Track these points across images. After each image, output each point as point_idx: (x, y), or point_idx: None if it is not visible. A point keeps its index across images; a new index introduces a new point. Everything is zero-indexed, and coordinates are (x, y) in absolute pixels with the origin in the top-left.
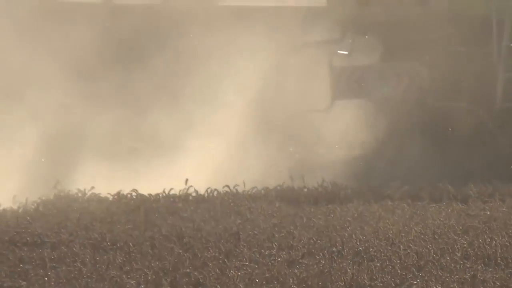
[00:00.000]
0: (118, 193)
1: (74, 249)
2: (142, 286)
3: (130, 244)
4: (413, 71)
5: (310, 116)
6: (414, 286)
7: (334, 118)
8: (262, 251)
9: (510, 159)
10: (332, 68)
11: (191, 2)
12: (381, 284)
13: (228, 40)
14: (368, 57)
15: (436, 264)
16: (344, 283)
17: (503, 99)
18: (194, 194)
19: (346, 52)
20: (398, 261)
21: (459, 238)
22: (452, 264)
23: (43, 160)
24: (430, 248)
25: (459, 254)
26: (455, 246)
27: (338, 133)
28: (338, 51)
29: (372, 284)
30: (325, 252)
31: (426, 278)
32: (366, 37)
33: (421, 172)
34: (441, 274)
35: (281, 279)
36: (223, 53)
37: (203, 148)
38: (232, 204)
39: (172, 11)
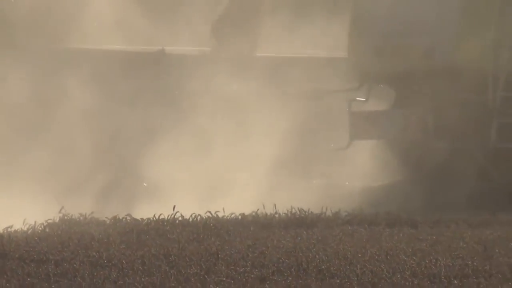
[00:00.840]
0: (115, 217)
1: (74, 265)
2: None
3: (124, 262)
4: (420, 116)
5: (332, 154)
6: None
7: (352, 155)
8: (238, 268)
9: (501, 190)
10: (350, 113)
11: (235, 52)
12: None
13: (262, 87)
14: (382, 103)
15: (389, 281)
16: None
17: (496, 141)
18: (180, 219)
19: (364, 99)
20: (355, 278)
21: (409, 259)
22: (402, 281)
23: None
24: (383, 267)
25: (408, 273)
26: (405, 266)
27: (355, 168)
28: (357, 98)
29: None
30: (292, 270)
31: None
32: (381, 86)
33: (420, 202)
34: None
35: None
36: (258, 97)
37: (245, 179)
38: (213, 227)
39: (217, 59)
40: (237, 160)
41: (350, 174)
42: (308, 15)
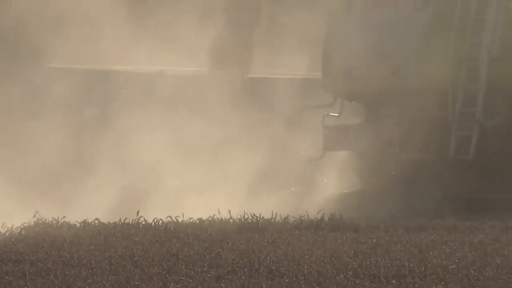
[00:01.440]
0: (84, 221)
1: (48, 265)
2: None
3: (92, 262)
4: (386, 130)
5: (307, 163)
6: None
7: (325, 165)
8: (196, 268)
9: (457, 198)
10: (323, 127)
11: (227, 73)
12: None
13: (251, 104)
14: (354, 118)
15: (333, 280)
16: None
17: (454, 152)
18: (143, 223)
19: (337, 114)
20: (303, 278)
21: (351, 260)
22: (345, 281)
23: None
24: (328, 268)
25: (351, 273)
26: (348, 267)
27: (328, 176)
28: (330, 113)
29: None
30: (246, 270)
31: None
32: (353, 102)
33: (385, 206)
34: None
35: None
36: (245, 115)
37: (226, 188)
38: (173, 230)
39: (210, 80)
40: (217, 169)
41: (324, 182)
42: (289, 42)
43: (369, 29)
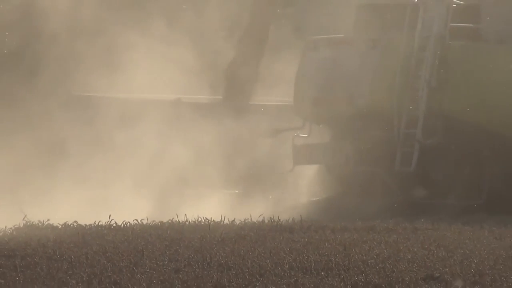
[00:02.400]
0: (65, 223)
1: (35, 259)
2: (80, 284)
3: (72, 257)
4: (343, 147)
5: (279, 176)
6: (257, 286)
7: (295, 177)
8: (158, 262)
9: (401, 203)
10: (294, 145)
11: (235, 101)
12: (235, 285)
13: (224, 128)
14: (320, 138)
15: (272, 272)
16: (211, 284)
17: (399, 166)
18: (114, 225)
19: (306, 135)
20: (247, 270)
21: (287, 256)
22: (282, 273)
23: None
24: (268, 262)
25: (286, 266)
26: (284, 261)
27: (297, 187)
28: (300, 134)
29: (230, 285)
30: (199, 263)
31: (265, 281)
32: (320, 126)
33: (344, 210)
34: (275, 279)
35: (170, 281)
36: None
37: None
38: (139, 231)
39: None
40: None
41: (293, 191)
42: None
43: (330, 65)
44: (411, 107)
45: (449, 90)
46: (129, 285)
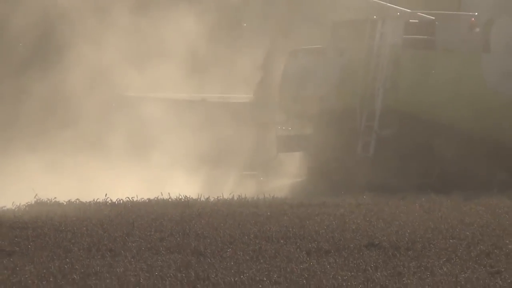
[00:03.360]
0: (69, 201)
1: (44, 230)
2: (81, 251)
3: (75, 228)
4: (319, 137)
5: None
6: (228, 252)
7: (279, 162)
8: (146, 232)
9: (360, 183)
10: (278, 136)
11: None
12: (210, 251)
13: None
14: (301, 130)
15: (240, 241)
16: (190, 250)
17: (360, 152)
18: (109, 201)
19: (290, 128)
20: (219, 239)
21: (252, 227)
22: (249, 241)
23: None
24: (237, 232)
25: (252, 236)
26: (250, 231)
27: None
28: (283, 127)
29: (205, 251)
30: (180, 233)
31: (234, 248)
32: (300, 120)
33: (317, 189)
34: (242, 246)
35: (156, 248)
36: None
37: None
38: (130, 207)
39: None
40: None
41: (277, 173)
42: None
43: (307, 70)
44: (370, 105)
45: (401, 90)
46: (122, 252)
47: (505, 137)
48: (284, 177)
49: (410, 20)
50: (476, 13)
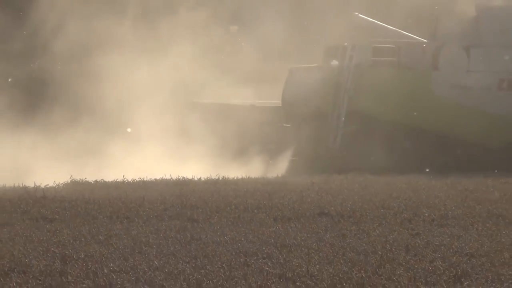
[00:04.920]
0: (96, 180)
1: (77, 203)
2: (105, 218)
3: (100, 201)
4: (305, 132)
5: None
6: (215, 218)
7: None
8: (153, 205)
9: (330, 168)
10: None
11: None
12: (201, 218)
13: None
14: (295, 126)
15: (224, 210)
16: (187, 217)
17: (331, 144)
18: (125, 181)
19: (289, 125)
20: (208, 209)
21: (233, 200)
22: (230, 210)
23: None
24: (221, 204)
25: (233, 207)
26: (231, 203)
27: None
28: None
29: (197, 218)
30: (179, 205)
31: (219, 216)
32: (296, 119)
33: (304, 170)
34: (225, 214)
35: (161, 216)
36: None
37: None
38: (141, 184)
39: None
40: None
41: (279, 156)
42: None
43: (302, 83)
44: (338, 108)
45: (361, 97)
46: (136, 219)
47: (446, 131)
48: (285, 161)
49: (376, 46)
50: (427, 41)
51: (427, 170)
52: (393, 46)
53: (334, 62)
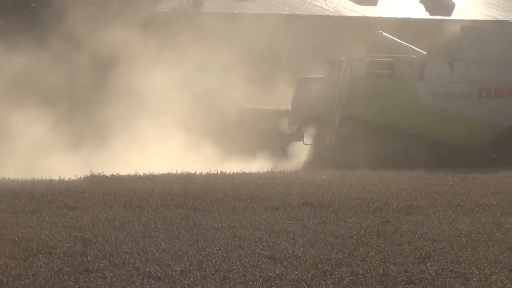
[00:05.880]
0: (112, 174)
1: (96, 193)
2: (119, 206)
3: (115, 192)
4: (309, 133)
5: (276, 147)
6: (215, 207)
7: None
8: (161, 195)
9: (327, 163)
10: (288, 131)
11: None
12: (203, 207)
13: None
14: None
15: (222, 200)
16: (190, 206)
17: (328, 143)
18: (137, 175)
19: (295, 126)
20: (208, 199)
21: (229, 191)
22: (227, 200)
23: None
24: (220, 194)
25: (229, 197)
26: (228, 194)
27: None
28: (292, 126)
29: (199, 207)
30: (183, 195)
31: (218, 205)
32: (304, 122)
33: (307, 165)
34: (223, 203)
35: (167, 205)
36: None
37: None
38: (151, 177)
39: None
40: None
41: (288, 154)
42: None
43: (308, 91)
44: (331, 113)
45: (353, 103)
46: (146, 207)
47: (431, 134)
48: (294, 158)
49: (371, 60)
50: (414, 56)
51: (413, 166)
52: (386, 60)
53: (333, 74)
